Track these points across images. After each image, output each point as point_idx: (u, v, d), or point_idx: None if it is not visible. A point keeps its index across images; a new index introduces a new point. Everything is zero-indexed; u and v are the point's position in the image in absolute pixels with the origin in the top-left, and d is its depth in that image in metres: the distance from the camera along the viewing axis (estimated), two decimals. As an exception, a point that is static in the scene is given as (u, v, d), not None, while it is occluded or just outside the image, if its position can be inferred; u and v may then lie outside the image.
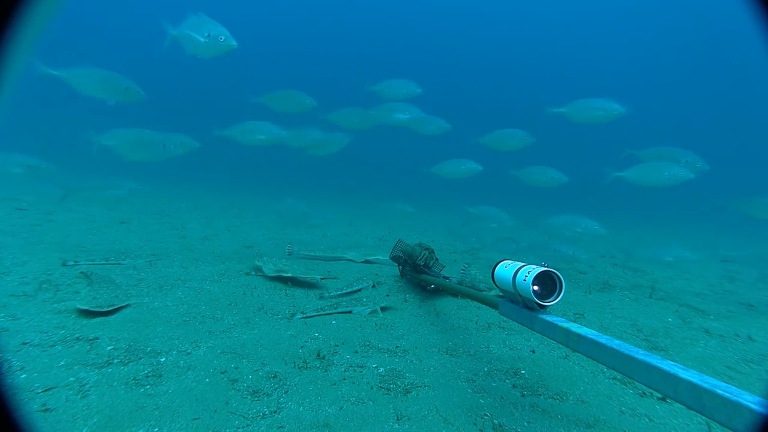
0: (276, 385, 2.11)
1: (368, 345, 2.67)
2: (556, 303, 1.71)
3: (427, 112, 6.50)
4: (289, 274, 3.89)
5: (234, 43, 4.02)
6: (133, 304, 3.06)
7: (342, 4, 41.74)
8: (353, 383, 2.18)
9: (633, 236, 10.45)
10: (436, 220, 11.10)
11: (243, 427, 1.77)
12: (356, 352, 2.57)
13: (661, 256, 5.35)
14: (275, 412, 1.89)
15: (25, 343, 2.33)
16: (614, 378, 2.40)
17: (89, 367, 2.14)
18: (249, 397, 2.00)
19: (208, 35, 3.92)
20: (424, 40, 42.70)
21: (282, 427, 1.78)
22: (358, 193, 18.50)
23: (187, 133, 4.82)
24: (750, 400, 0.89)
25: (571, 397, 2.16)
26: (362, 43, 43.93)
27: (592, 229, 5.48)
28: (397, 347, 2.68)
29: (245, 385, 2.10)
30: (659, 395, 2.20)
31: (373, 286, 3.94)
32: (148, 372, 2.15)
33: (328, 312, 3.21)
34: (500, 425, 1.87)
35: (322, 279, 4.04)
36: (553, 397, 2.15)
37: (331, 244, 6.30)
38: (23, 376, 2.01)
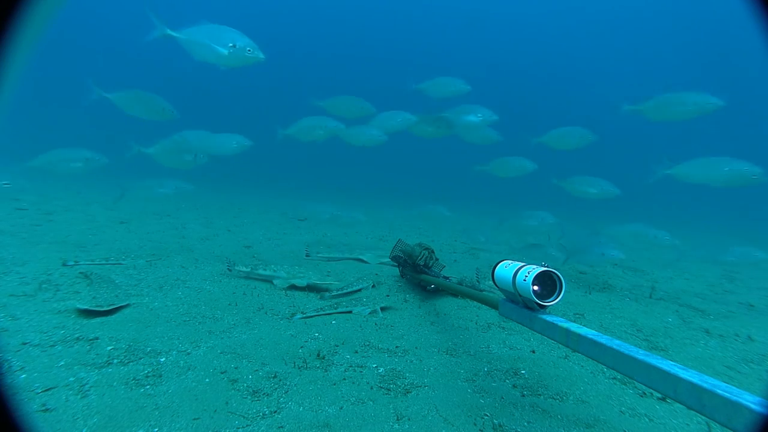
0: (276, 385, 2.11)
1: (368, 345, 2.67)
2: (556, 303, 1.71)
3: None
4: (305, 283, 3.69)
5: (261, 55, 4.05)
6: (133, 304, 3.06)
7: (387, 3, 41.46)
8: (353, 383, 2.18)
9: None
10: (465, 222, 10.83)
11: (243, 427, 1.77)
12: (356, 352, 2.57)
13: (722, 256, 4.84)
14: (275, 412, 1.89)
15: (25, 343, 2.33)
16: (614, 378, 2.40)
17: (89, 367, 2.14)
18: (249, 397, 2.00)
19: (233, 46, 3.95)
20: (460, 38, 42.42)
21: (282, 427, 1.78)
22: (358, 193, 18.51)
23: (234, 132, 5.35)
24: (750, 400, 0.89)
25: (571, 397, 2.16)
26: (402, 44, 43.51)
27: (662, 239, 5.07)
28: (397, 347, 2.68)
29: (245, 385, 2.10)
30: (659, 395, 2.20)
31: (373, 286, 3.93)
32: (148, 372, 2.15)
33: (328, 312, 3.20)
34: (500, 425, 1.87)
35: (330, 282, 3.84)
36: (553, 397, 2.15)
37: (332, 243, 6.30)
38: (23, 376, 2.01)
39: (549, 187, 6.36)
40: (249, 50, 3.99)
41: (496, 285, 2.01)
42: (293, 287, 3.72)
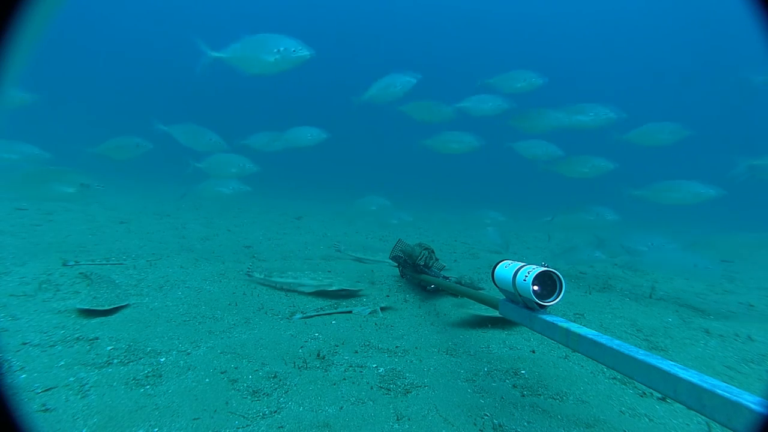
0: (276, 385, 2.11)
1: (368, 345, 2.67)
2: (556, 303, 1.71)
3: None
4: (334, 288, 3.55)
5: (307, 52, 4.01)
6: (133, 304, 3.06)
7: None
8: (353, 383, 2.18)
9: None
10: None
11: (243, 427, 1.77)
12: (356, 352, 2.57)
13: None
14: (275, 412, 1.89)
15: (25, 343, 2.33)
16: (614, 378, 2.40)
17: (89, 367, 2.14)
18: (249, 397, 2.00)
19: (278, 51, 3.93)
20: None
21: (282, 427, 1.78)
22: (357, 192, 18.49)
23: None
24: (750, 400, 0.89)
25: (571, 397, 2.16)
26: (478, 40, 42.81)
27: None
28: (397, 347, 2.68)
29: (245, 385, 2.09)
30: (659, 395, 2.20)
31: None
32: (148, 372, 2.15)
33: (328, 312, 3.20)
34: (500, 425, 1.87)
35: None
36: (553, 397, 2.15)
37: (331, 243, 6.30)
38: (23, 376, 2.01)
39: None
40: (294, 50, 3.95)
41: (496, 285, 2.02)
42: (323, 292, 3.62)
